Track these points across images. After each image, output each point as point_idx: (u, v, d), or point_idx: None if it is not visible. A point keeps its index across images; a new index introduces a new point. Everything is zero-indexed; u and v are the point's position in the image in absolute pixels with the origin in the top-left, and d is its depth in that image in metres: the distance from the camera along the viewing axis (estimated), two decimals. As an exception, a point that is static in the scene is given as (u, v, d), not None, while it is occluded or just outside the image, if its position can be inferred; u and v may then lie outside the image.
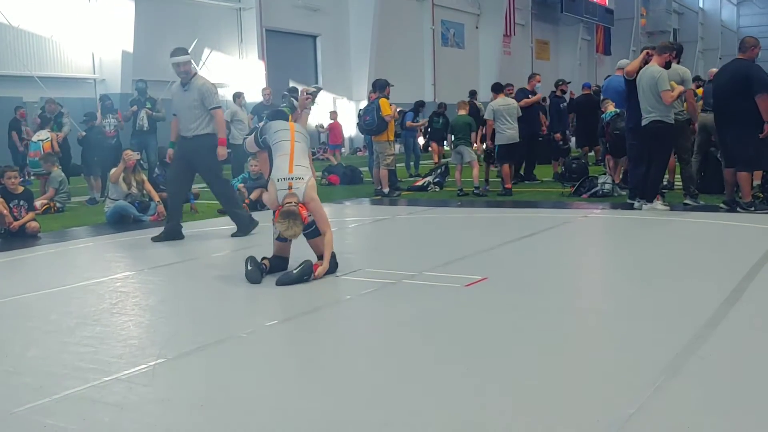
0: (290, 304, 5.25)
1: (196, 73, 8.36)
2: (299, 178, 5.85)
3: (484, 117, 12.08)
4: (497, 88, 12.45)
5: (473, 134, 12.18)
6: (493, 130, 12.01)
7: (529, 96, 13.28)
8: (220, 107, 8.13)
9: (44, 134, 12.85)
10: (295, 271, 5.70)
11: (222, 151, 8.15)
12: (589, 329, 4.32)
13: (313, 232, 5.90)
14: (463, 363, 3.74)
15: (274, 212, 5.86)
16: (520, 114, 12.04)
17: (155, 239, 8.13)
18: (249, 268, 5.87)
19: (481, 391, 3.35)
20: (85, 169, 13.24)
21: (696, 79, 13.91)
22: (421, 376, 3.58)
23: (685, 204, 9.33)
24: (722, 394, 3.21)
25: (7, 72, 19.88)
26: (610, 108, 11.20)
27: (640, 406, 3.06)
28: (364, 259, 6.46)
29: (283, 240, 5.92)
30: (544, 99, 14.75)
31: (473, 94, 18.19)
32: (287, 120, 6.59)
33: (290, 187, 5.80)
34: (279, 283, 5.65)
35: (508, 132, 11.81)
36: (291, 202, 5.73)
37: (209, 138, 8.05)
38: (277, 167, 5.97)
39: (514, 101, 12.33)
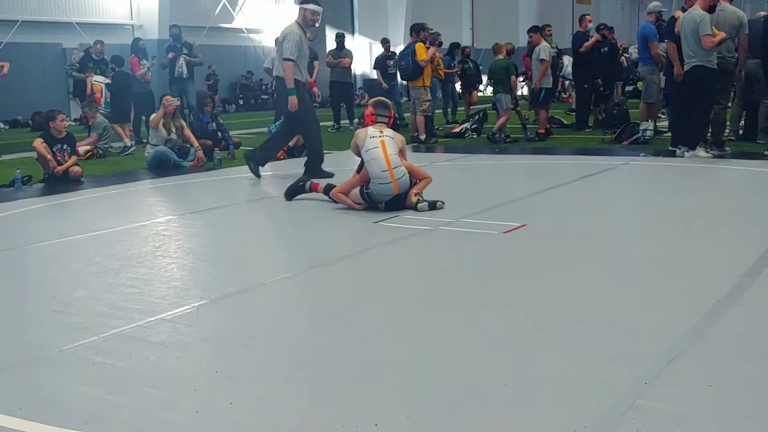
0: (330, 249, 5.30)
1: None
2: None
3: (542, 58, 11.84)
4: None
5: (513, 78, 11.86)
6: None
7: (589, 38, 13.02)
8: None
9: (101, 78, 13.06)
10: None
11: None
12: (630, 276, 4.30)
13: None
14: (501, 308, 3.75)
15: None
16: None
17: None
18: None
19: (521, 335, 3.37)
20: (113, 117, 12.64)
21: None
22: (460, 319, 3.61)
23: (713, 154, 8.99)
24: (764, 341, 3.18)
25: (47, 18, 20.01)
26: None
27: (680, 352, 3.06)
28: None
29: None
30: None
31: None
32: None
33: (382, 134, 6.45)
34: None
35: (553, 75, 11.75)
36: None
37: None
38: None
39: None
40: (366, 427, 2.54)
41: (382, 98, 7.03)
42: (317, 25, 8.34)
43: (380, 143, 6.31)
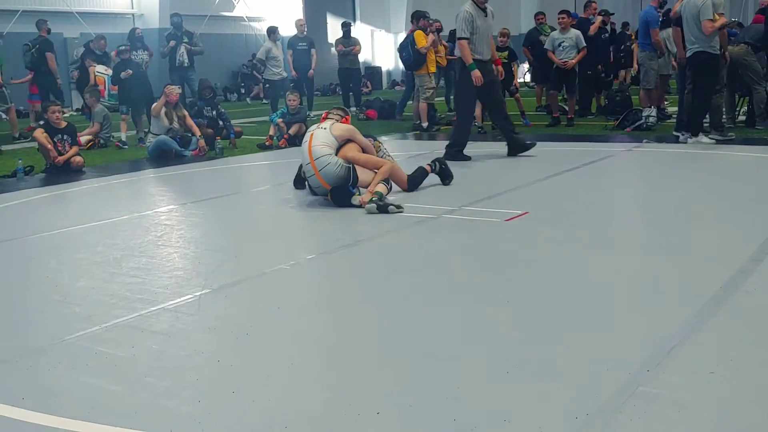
0: (330, 238, 5.29)
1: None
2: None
3: (582, 47, 11.92)
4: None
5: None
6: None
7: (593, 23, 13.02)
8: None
9: (103, 68, 13.05)
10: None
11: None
12: (632, 263, 4.29)
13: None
14: (503, 295, 3.75)
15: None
16: None
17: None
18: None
19: (522, 322, 3.37)
20: (127, 107, 12.14)
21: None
22: (462, 307, 3.61)
23: (715, 139, 8.96)
24: (766, 328, 3.17)
25: (48, 8, 19.95)
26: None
27: (683, 339, 3.05)
28: (404, 194, 6.45)
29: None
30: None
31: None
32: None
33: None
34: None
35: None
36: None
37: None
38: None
39: None
40: (368, 415, 2.55)
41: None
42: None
43: (309, 136, 6.24)
